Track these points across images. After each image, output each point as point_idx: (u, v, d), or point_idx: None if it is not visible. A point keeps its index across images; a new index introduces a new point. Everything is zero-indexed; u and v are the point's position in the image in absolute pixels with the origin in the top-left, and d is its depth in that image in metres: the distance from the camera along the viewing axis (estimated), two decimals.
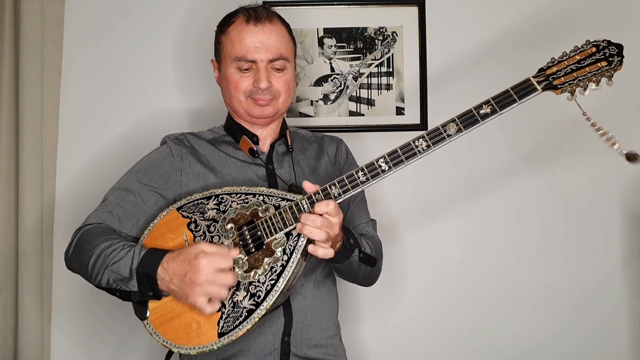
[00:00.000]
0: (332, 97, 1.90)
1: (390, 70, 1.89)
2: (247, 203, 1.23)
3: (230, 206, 1.23)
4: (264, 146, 1.41)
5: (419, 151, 1.16)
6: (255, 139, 1.39)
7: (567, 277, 1.89)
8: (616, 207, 1.90)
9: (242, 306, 1.15)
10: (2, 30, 1.76)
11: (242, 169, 1.35)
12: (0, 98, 1.75)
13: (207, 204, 1.24)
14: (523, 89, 1.14)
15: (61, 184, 1.85)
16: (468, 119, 1.15)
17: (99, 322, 1.85)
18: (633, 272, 1.90)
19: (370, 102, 1.90)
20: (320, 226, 1.14)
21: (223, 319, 1.15)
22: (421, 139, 1.16)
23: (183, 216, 1.24)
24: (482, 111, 1.15)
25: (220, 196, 1.25)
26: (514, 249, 1.90)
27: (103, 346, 1.86)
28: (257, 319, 1.14)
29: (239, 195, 1.24)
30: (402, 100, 1.89)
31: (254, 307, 1.14)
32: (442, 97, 1.89)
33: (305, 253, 1.18)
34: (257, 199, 1.23)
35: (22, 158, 1.75)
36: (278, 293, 1.14)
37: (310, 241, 1.17)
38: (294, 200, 1.19)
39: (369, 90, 1.90)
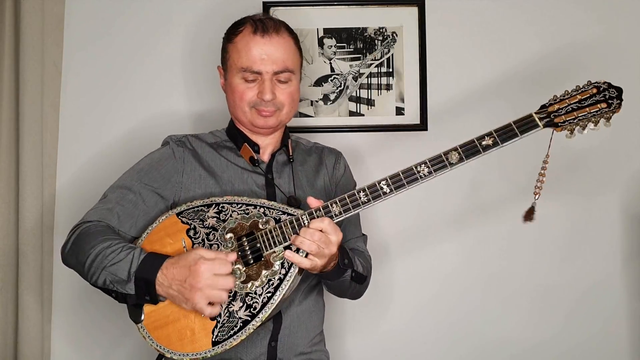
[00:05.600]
0: (332, 97, 1.90)
1: (390, 70, 1.89)
2: (247, 214, 1.24)
3: (231, 216, 1.24)
4: (265, 155, 1.41)
5: (420, 177, 1.20)
6: (256, 147, 1.39)
7: (566, 277, 1.89)
8: (616, 207, 1.90)
9: (237, 316, 1.16)
10: (2, 30, 1.76)
11: (242, 176, 1.36)
12: (1, 98, 1.75)
13: (208, 211, 1.25)
14: (525, 124, 1.19)
15: (61, 183, 1.85)
16: (470, 149, 1.20)
17: (99, 322, 1.85)
18: (633, 272, 1.90)
19: (370, 102, 1.90)
20: (317, 240, 1.16)
21: (218, 327, 1.16)
22: (423, 165, 1.20)
23: (182, 222, 1.25)
24: (484, 142, 1.20)
25: (221, 205, 1.26)
26: (513, 250, 1.90)
27: (103, 346, 1.86)
28: (251, 330, 1.15)
29: (240, 205, 1.25)
30: (402, 100, 1.89)
31: (250, 318, 1.16)
32: (442, 97, 1.89)
33: (301, 268, 1.20)
34: (258, 210, 1.24)
35: (22, 158, 1.75)
36: (274, 306, 1.16)
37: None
38: (294, 215, 1.21)
39: (369, 90, 1.90)
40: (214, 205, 1.25)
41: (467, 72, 1.89)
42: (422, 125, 1.88)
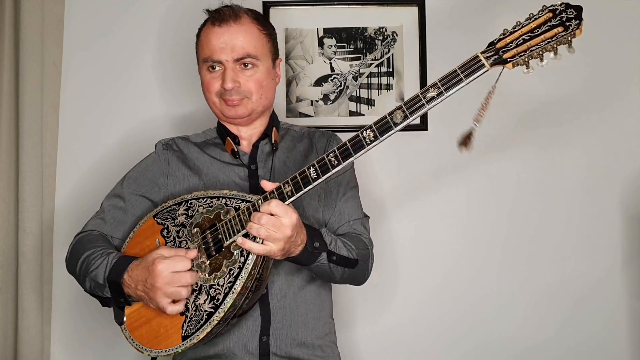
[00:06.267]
0: (332, 97, 1.90)
1: (390, 70, 1.89)
2: (211, 207, 1.24)
3: (197, 211, 1.25)
4: (245, 146, 1.39)
5: (366, 142, 1.11)
6: (236, 140, 1.38)
7: (566, 277, 1.89)
8: (616, 207, 1.90)
9: (203, 309, 1.16)
10: (2, 30, 1.76)
11: (225, 171, 1.35)
12: (1, 98, 1.75)
13: (178, 209, 1.28)
14: (469, 67, 1.07)
15: (61, 183, 1.85)
16: (414, 104, 1.10)
17: (98, 322, 1.85)
18: (633, 272, 1.90)
19: (370, 102, 1.90)
20: (265, 224, 1.10)
21: (186, 322, 1.17)
22: (368, 130, 1.11)
23: (158, 223, 1.28)
24: (428, 94, 1.10)
25: (190, 201, 1.27)
26: (513, 249, 1.90)
27: (103, 346, 1.86)
28: (215, 322, 1.14)
29: (205, 199, 1.26)
30: (402, 100, 1.89)
31: (213, 310, 1.15)
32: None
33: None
34: (220, 202, 1.24)
35: (22, 158, 1.75)
36: (235, 295, 1.14)
37: None
38: (251, 201, 1.18)
39: (369, 90, 1.90)
40: (183, 203, 1.28)
41: None
42: (422, 125, 1.88)
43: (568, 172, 1.89)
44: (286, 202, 1.13)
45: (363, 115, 1.89)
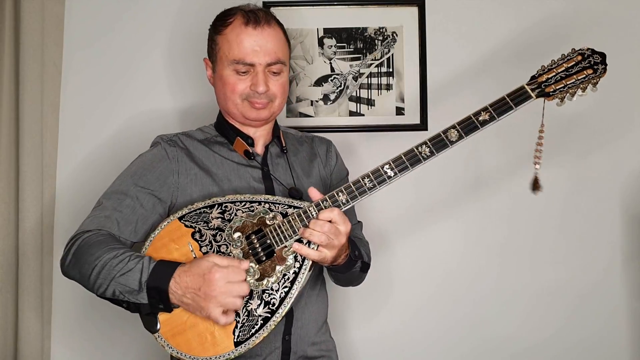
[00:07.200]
0: (332, 97, 1.90)
1: (390, 70, 1.89)
2: (253, 211, 1.23)
3: (235, 214, 1.23)
4: (258, 147, 1.40)
5: (422, 157, 1.20)
6: (250, 140, 1.38)
7: (566, 277, 1.89)
8: (616, 207, 1.90)
9: (257, 314, 1.17)
10: (2, 30, 1.76)
11: (238, 171, 1.34)
12: (1, 98, 1.75)
13: (211, 212, 1.23)
14: (518, 96, 1.21)
15: (61, 183, 1.85)
16: (468, 126, 1.21)
17: (99, 323, 1.85)
18: (633, 272, 1.90)
19: (370, 102, 1.90)
20: (326, 231, 1.16)
21: (239, 328, 1.16)
22: (424, 145, 1.21)
23: (186, 226, 1.23)
24: (480, 118, 1.20)
25: (224, 204, 1.24)
26: (512, 250, 1.90)
27: (103, 346, 1.86)
28: (273, 327, 1.16)
29: (244, 203, 1.24)
30: (402, 100, 1.89)
31: (270, 315, 1.16)
32: (442, 97, 1.89)
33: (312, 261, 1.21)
34: (263, 206, 1.23)
35: (22, 158, 1.75)
36: (293, 299, 1.17)
37: None
38: (301, 208, 1.21)
39: (369, 90, 1.90)
40: (216, 206, 1.24)
41: (467, 72, 1.89)
42: (422, 125, 1.88)
43: (568, 172, 1.89)
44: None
45: (363, 115, 1.89)
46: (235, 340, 1.16)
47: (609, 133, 1.90)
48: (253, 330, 1.16)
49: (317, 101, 1.90)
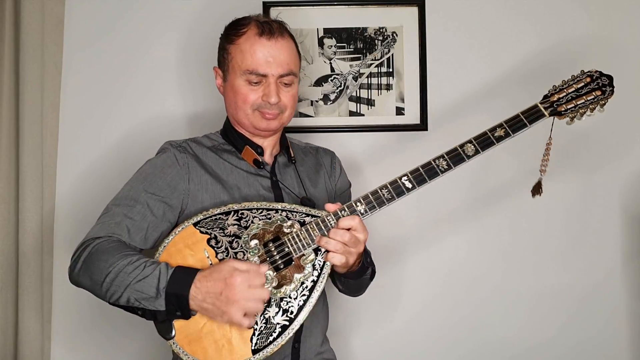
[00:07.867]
0: (332, 97, 1.90)
1: (390, 70, 1.89)
2: (270, 219, 1.23)
3: (252, 222, 1.23)
4: (267, 157, 1.40)
5: (440, 170, 1.24)
6: (259, 150, 1.38)
7: (567, 277, 1.89)
8: (616, 207, 1.90)
9: (275, 322, 1.17)
10: (2, 30, 1.76)
11: (248, 179, 1.34)
12: (1, 98, 1.75)
13: (227, 219, 1.23)
14: (532, 114, 1.27)
15: (61, 183, 1.85)
16: (484, 141, 1.25)
17: (99, 322, 1.85)
18: (633, 273, 1.90)
19: (370, 102, 1.90)
20: (347, 241, 1.18)
21: (256, 335, 1.16)
22: (441, 159, 1.24)
23: (201, 232, 1.22)
24: (496, 134, 1.25)
25: (240, 211, 1.23)
26: (514, 252, 1.89)
27: (103, 346, 1.86)
28: (291, 335, 1.16)
29: (260, 210, 1.24)
30: (402, 100, 1.89)
31: (288, 323, 1.17)
32: (442, 97, 1.89)
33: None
34: (281, 214, 1.23)
35: (22, 158, 1.75)
36: (311, 307, 1.18)
37: None
38: (319, 217, 1.22)
39: (369, 90, 1.90)
40: (232, 213, 1.23)
41: (467, 72, 1.89)
42: (422, 125, 1.88)
43: (568, 172, 1.89)
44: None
45: (363, 115, 1.89)
46: (252, 347, 1.15)
47: (609, 135, 1.90)
48: (271, 338, 1.16)
49: (317, 101, 1.90)
